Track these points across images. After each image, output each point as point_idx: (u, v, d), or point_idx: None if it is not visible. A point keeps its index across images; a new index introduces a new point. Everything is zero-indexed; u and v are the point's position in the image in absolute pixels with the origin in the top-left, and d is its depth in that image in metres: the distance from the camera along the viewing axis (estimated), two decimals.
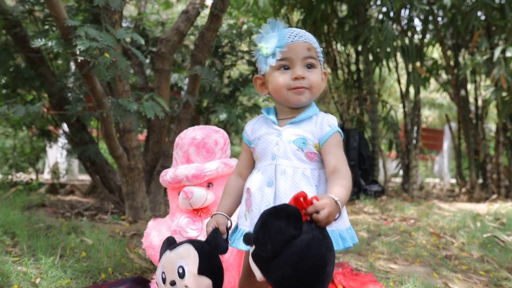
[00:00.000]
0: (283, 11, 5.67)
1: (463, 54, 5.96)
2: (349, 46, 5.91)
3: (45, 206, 3.46)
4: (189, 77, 3.12)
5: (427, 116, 12.33)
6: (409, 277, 2.07)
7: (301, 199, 1.00)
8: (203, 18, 3.97)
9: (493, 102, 5.41)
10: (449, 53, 5.84)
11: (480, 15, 5.19)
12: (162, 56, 3.07)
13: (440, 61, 6.21)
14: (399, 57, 5.70)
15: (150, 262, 2.04)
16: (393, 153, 6.88)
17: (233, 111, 3.33)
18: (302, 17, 5.68)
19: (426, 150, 8.32)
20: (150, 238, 1.76)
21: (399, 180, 6.93)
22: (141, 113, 2.50)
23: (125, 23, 3.87)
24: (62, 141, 4.07)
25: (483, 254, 2.61)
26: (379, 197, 4.89)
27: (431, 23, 5.53)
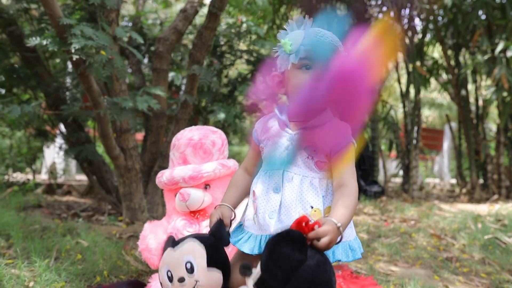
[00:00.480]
0: (283, 10, 5.64)
1: (463, 53, 5.93)
2: None
3: (41, 206, 3.42)
4: (187, 76, 3.09)
5: (427, 116, 12.31)
6: (410, 280, 2.05)
7: (303, 224, 1.02)
8: (202, 17, 3.93)
9: (494, 102, 5.38)
10: (449, 53, 5.80)
11: (481, 14, 5.17)
12: (160, 55, 3.03)
13: (440, 61, 6.18)
14: (399, 56, 5.67)
15: (146, 265, 2.00)
16: (393, 153, 6.86)
17: (231, 111, 3.30)
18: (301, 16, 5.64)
19: (426, 150, 8.29)
20: (146, 240, 1.72)
21: (399, 180, 6.90)
22: (138, 109, 2.46)
23: (125, 22, 3.83)
24: (59, 141, 4.03)
25: (485, 256, 2.58)
26: (379, 197, 4.86)
27: (431, 23, 5.49)
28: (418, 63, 5.50)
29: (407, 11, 5.47)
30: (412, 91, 5.61)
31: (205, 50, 3.03)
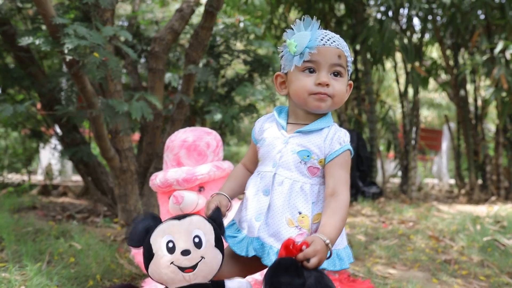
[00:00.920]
0: (281, 9, 5.61)
1: (462, 54, 5.91)
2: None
3: (36, 208, 3.39)
4: (183, 76, 3.06)
5: (426, 116, 12.29)
6: (408, 283, 2.02)
7: (291, 247, 1.02)
8: (199, 16, 3.90)
9: (493, 102, 5.36)
10: (448, 53, 5.78)
11: (480, 14, 5.14)
12: (155, 55, 3.00)
13: (439, 61, 6.15)
14: (397, 56, 5.64)
15: (140, 268, 1.97)
16: (391, 153, 6.83)
17: (228, 111, 3.27)
18: (299, 16, 5.62)
19: (427, 150, 8.26)
20: None
21: (398, 180, 6.88)
22: (132, 114, 2.43)
23: (121, 22, 3.80)
24: (54, 142, 4.00)
25: (483, 258, 2.55)
26: (377, 199, 4.83)
27: (430, 22, 5.47)
28: (417, 63, 5.47)
29: (406, 10, 5.46)
30: (410, 91, 5.58)
31: (202, 49, 3.00)
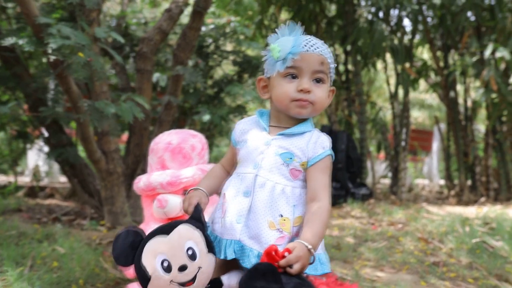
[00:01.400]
0: (271, 10, 5.59)
1: (452, 55, 5.93)
2: (337, 46, 5.84)
3: (21, 211, 3.33)
4: (171, 77, 3.03)
5: (416, 117, 12.33)
6: (396, 286, 2.01)
7: (273, 253, 1.01)
8: (188, 16, 3.87)
9: (482, 104, 5.38)
10: (438, 54, 5.80)
11: (470, 15, 5.16)
12: (143, 55, 2.97)
13: (429, 62, 6.17)
14: (388, 57, 5.65)
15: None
16: (382, 154, 6.84)
17: (218, 112, 3.25)
18: (290, 16, 5.60)
19: (419, 150, 8.30)
20: None
21: (388, 181, 6.89)
22: (120, 116, 2.40)
23: (112, 22, 3.75)
24: (40, 143, 3.95)
25: (472, 260, 2.55)
26: (367, 200, 4.83)
27: (420, 24, 5.48)
28: (407, 64, 5.48)
29: (396, 11, 5.47)
30: (401, 92, 5.59)
31: (189, 50, 2.98)
